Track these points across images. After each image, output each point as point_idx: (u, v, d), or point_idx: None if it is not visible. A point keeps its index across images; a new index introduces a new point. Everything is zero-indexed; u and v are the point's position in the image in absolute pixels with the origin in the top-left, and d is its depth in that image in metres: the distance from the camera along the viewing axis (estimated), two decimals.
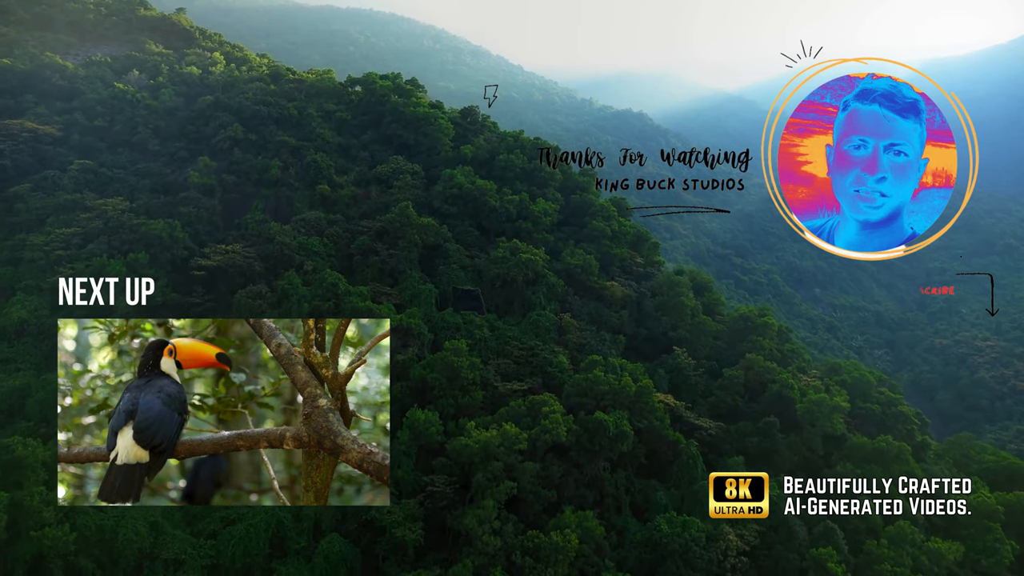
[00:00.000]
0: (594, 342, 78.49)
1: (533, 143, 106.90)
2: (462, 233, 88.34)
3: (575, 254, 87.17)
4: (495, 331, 75.72)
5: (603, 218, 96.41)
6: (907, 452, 66.64)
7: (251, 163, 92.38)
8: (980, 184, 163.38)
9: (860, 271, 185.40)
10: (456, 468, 56.50)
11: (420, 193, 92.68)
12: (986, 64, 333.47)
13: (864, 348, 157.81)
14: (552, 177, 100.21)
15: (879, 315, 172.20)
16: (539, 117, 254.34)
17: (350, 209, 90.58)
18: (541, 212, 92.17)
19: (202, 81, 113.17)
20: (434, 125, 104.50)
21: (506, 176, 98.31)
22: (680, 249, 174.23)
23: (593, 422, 60.36)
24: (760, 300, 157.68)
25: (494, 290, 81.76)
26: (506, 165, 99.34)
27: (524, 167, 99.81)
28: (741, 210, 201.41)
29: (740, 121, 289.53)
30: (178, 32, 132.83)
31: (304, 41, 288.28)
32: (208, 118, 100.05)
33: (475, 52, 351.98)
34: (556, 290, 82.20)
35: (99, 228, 76.89)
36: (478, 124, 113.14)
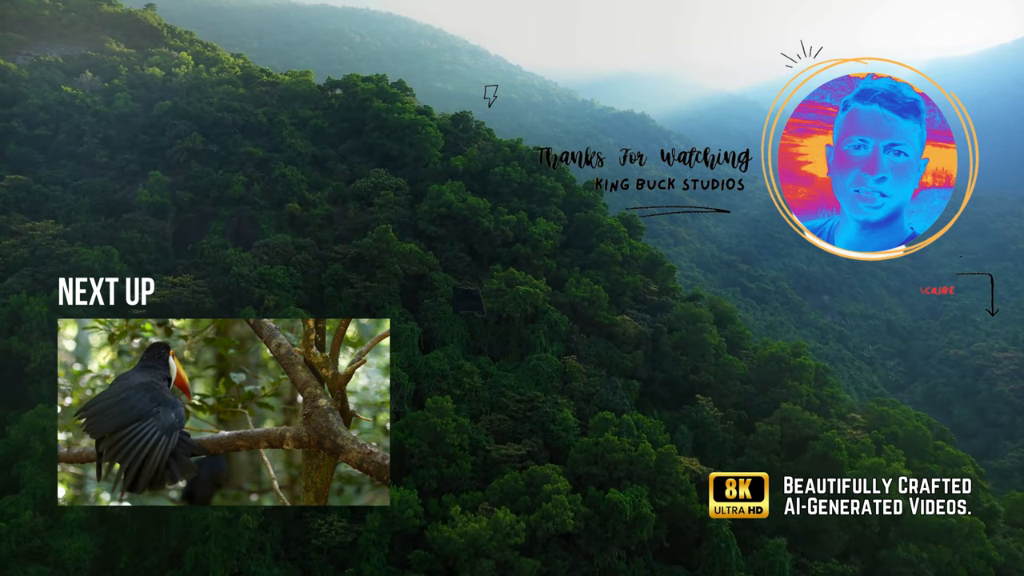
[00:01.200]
0: (604, 391, 75.38)
1: (532, 153, 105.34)
2: (451, 259, 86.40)
3: (581, 284, 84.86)
4: (488, 378, 73.37)
5: (612, 240, 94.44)
6: (980, 529, 64.59)
7: (211, 178, 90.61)
8: (989, 187, 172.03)
9: (870, 277, 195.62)
10: (439, 563, 52.98)
11: (404, 212, 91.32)
12: (990, 64, 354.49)
13: (876, 359, 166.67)
14: (554, 193, 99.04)
15: (890, 323, 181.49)
16: (539, 119, 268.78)
17: (323, 231, 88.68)
18: (542, 235, 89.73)
19: (164, 84, 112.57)
20: (421, 134, 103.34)
21: (502, 192, 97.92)
22: (685, 256, 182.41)
23: (606, 504, 56.80)
24: (768, 308, 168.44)
25: (487, 328, 79.48)
26: (502, 179, 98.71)
27: (522, 181, 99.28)
28: (746, 214, 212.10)
29: (743, 122, 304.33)
30: (144, 30, 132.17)
31: (298, 41, 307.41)
32: (164, 126, 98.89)
33: (473, 52, 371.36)
34: (560, 328, 79.84)
35: (23, 257, 73.91)
36: (471, 131, 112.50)
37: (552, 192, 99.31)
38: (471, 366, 73.11)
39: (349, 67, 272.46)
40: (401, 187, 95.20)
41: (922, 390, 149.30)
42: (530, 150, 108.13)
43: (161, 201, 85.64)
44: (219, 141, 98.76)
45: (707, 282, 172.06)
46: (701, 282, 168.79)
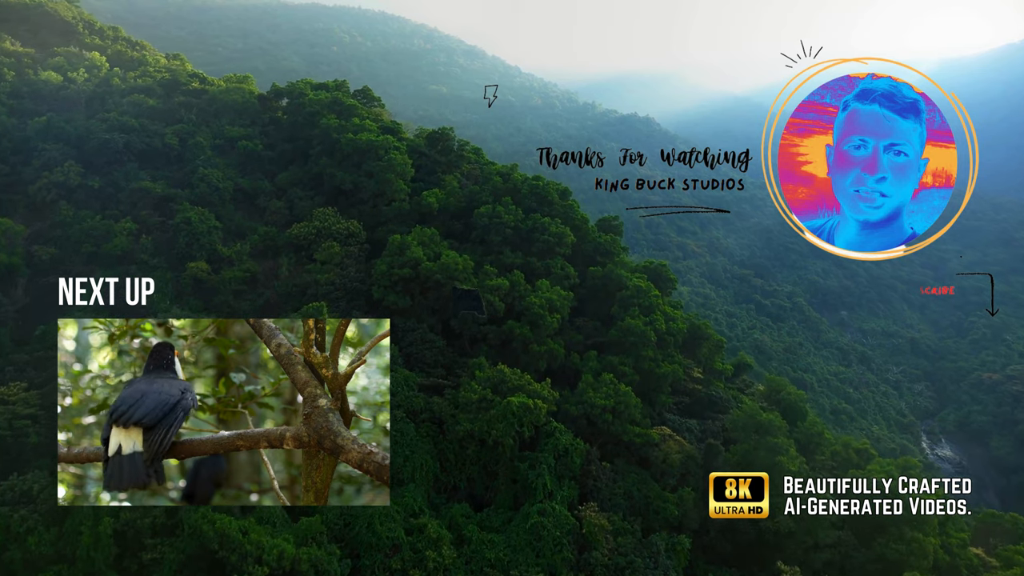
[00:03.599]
0: (640, 560, 51.58)
1: (532, 185, 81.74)
2: (414, 347, 63.29)
3: (601, 387, 60.69)
4: (465, 547, 50.00)
5: (640, 309, 69.47)
6: None
7: (84, 226, 68.44)
8: (1005, 192, 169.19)
9: (890, 291, 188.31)
10: None
11: (355, 272, 69.64)
12: (997, 64, 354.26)
13: (902, 382, 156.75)
14: (561, 241, 75.42)
15: (914, 342, 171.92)
16: (538, 123, 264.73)
17: (241, 302, 66.60)
18: (545, 306, 65.87)
19: (58, 93, 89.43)
20: (383, 160, 79.10)
21: (490, 240, 75.30)
22: (694, 270, 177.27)
23: None
24: (785, 327, 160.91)
25: (465, 457, 55.76)
26: (491, 223, 75.62)
27: (518, 225, 76.00)
28: (757, 223, 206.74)
29: (749, 124, 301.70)
30: (54, 25, 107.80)
31: (284, 41, 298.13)
32: (31, 152, 75.34)
33: (469, 52, 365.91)
34: (572, 460, 55.54)
35: None
36: (452, 154, 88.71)
37: (558, 240, 75.55)
38: (438, 527, 49.70)
39: (337, 69, 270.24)
40: (354, 233, 73.93)
41: (954, 418, 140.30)
42: (528, 180, 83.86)
43: (8, 261, 62.89)
44: (104, 173, 76.19)
45: (719, 299, 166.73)
46: (713, 300, 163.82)
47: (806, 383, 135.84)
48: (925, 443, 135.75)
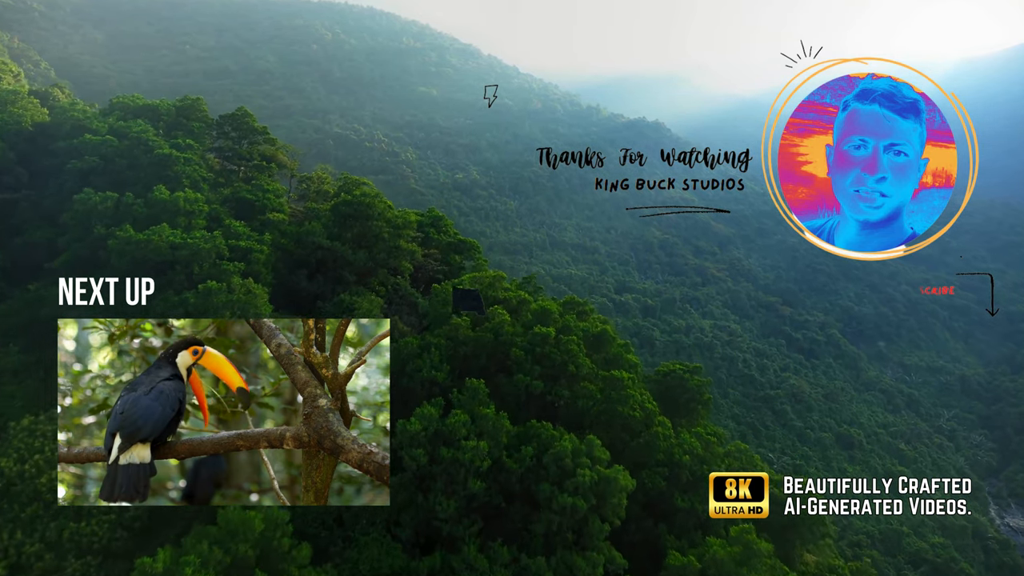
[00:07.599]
0: None
1: (534, 332, 57.29)
2: None
3: None
4: None
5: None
6: None
7: None
8: (1017, 196, 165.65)
9: (931, 317, 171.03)
10: None
11: None
12: (1010, 64, 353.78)
13: (958, 431, 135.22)
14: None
15: (964, 379, 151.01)
16: (538, 128, 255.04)
17: None
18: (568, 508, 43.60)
19: None
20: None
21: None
22: (716, 298, 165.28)
23: None
24: (820, 366, 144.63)
25: None
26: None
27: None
28: (781, 241, 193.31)
29: (758, 127, 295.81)
30: None
31: (260, 39, 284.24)
32: None
33: (463, 51, 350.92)
34: None
35: None
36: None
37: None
38: None
39: (316, 69, 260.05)
40: None
41: (1023, 478, 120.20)
42: (537, 308, 62.41)
43: None
44: None
45: (745, 333, 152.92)
46: (739, 336, 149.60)
47: (854, 441, 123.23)
48: (993, 510, 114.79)
